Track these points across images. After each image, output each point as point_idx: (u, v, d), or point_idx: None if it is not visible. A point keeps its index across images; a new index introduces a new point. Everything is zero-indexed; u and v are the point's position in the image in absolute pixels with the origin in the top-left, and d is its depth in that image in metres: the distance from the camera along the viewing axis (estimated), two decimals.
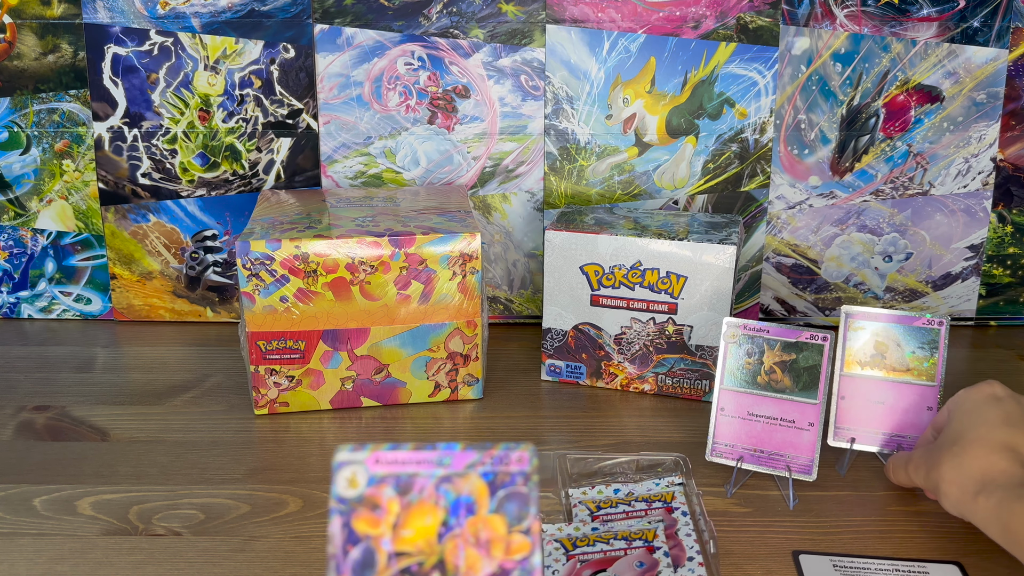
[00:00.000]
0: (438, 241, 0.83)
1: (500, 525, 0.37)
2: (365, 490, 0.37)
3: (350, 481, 0.37)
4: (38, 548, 0.67)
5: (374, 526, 0.37)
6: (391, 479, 0.37)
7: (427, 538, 0.37)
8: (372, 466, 0.37)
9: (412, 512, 0.37)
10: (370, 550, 0.36)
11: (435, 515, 0.37)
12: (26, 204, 1.05)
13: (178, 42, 0.99)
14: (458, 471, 0.37)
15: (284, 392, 0.86)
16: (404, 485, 0.37)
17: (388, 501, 0.37)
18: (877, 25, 0.97)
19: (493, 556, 0.37)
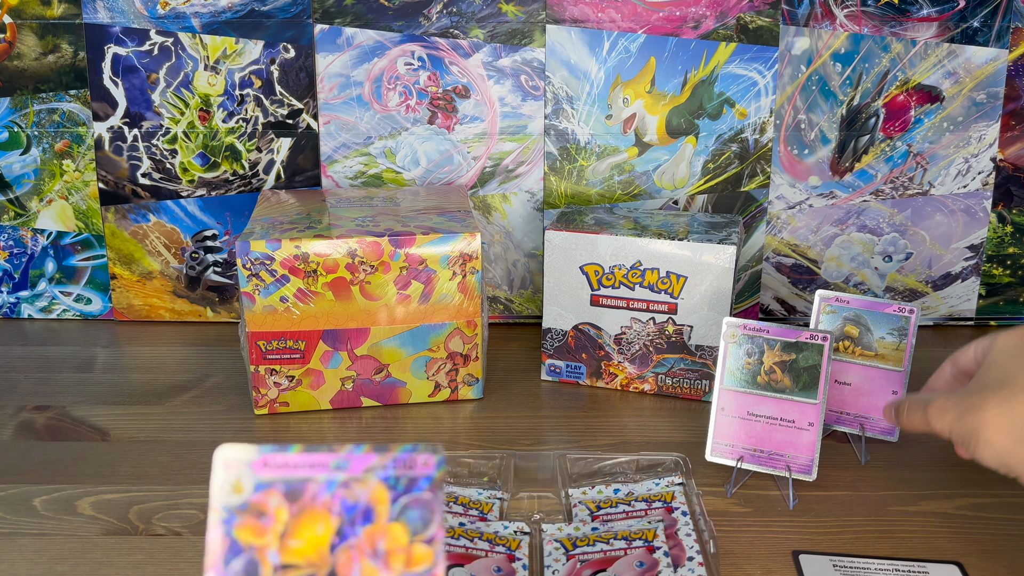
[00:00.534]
0: (438, 241, 0.83)
1: (401, 534, 0.34)
2: (251, 496, 0.33)
3: (234, 487, 0.33)
4: (38, 548, 0.67)
5: (259, 536, 0.33)
6: (280, 484, 0.33)
7: (318, 549, 0.33)
8: (259, 470, 0.33)
9: (302, 520, 0.33)
10: (254, 562, 0.33)
11: (328, 523, 0.34)
12: (26, 204, 1.05)
13: (178, 42, 0.99)
14: (356, 475, 0.34)
15: (284, 392, 0.86)
16: (294, 491, 0.33)
17: (276, 508, 0.33)
18: (877, 25, 0.97)
19: (392, 568, 0.33)
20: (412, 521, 0.34)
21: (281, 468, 0.33)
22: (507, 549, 0.64)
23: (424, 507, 0.34)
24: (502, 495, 0.72)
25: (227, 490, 0.33)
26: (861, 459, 0.78)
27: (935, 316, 1.07)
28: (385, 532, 0.33)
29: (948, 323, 1.07)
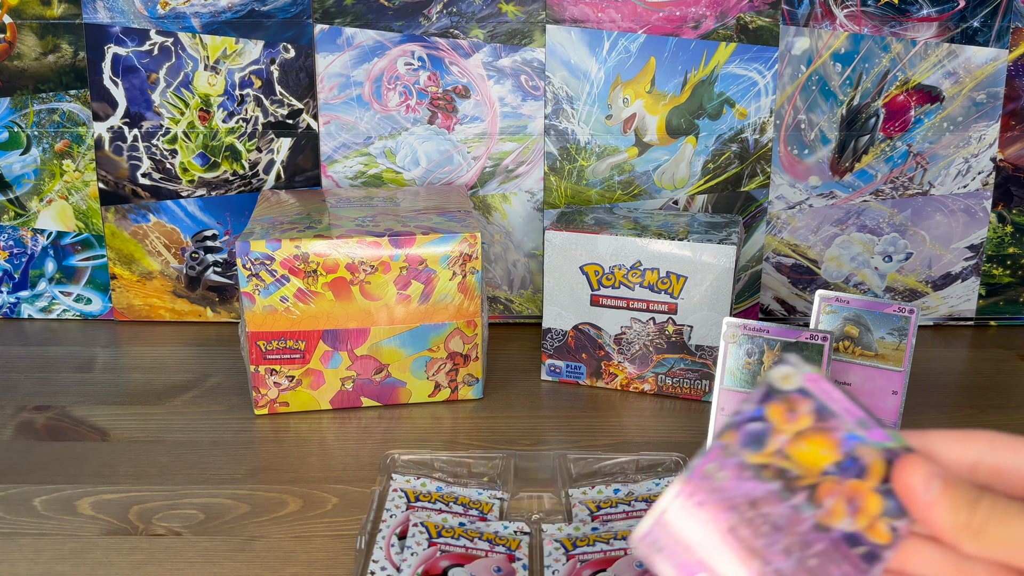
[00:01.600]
0: (438, 241, 0.83)
1: (875, 506, 0.39)
2: (791, 393, 0.39)
3: (785, 378, 0.40)
4: (38, 548, 0.67)
5: (782, 422, 0.39)
6: (817, 402, 0.39)
7: (815, 462, 0.39)
8: (808, 382, 0.39)
9: (816, 437, 0.39)
10: (767, 433, 0.39)
11: (832, 454, 0.39)
12: (26, 204, 1.05)
13: (178, 42, 0.99)
14: (870, 440, 0.39)
15: (284, 392, 0.86)
16: (823, 414, 0.39)
17: (803, 414, 0.39)
18: (877, 25, 0.97)
19: (855, 523, 0.38)
20: (889, 504, 0.39)
21: (823, 393, 0.39)
22: (507, 549, 0.64)
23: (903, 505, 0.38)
24: (502, 495, 0.72)
25: (779, 375, 0.40)
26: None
27: (935, 316, 1.07)
28: (866, 494, 0.39)
29: (948, 323, 1.07)
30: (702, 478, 0.39)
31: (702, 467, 0.40)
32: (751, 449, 0.40)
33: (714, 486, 0.39)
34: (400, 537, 0.66)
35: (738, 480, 0.39)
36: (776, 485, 0.39)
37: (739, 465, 0.40)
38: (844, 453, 0.39)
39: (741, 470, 0.39)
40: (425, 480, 0.73)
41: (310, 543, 0.68)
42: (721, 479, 0.40)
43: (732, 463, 0.40)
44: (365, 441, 0.83)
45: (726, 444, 0.40)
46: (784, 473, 0.39)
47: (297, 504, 0.73)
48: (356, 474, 0.77)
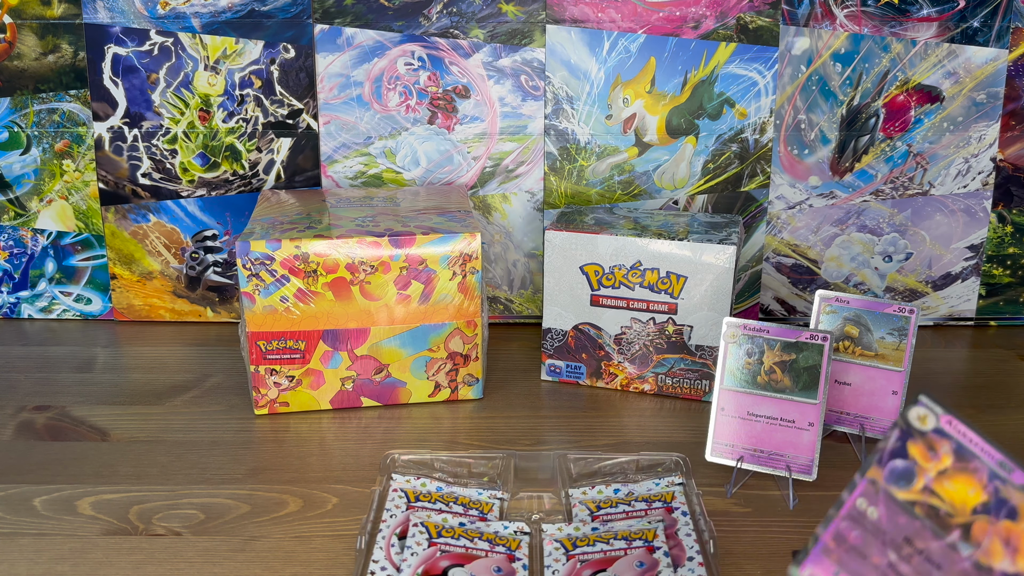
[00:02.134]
0: (438, 241, 0.83)
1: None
2: (929, 432, 0.40)
3: (922, 419, 0.41)
4: (38, 548, 0.67)
5: (924, 460, 0.40)
6: (955, 442, 0.40)
7: (964, 503, 0.40)
8: (944, 423, 0.41)
9: (961, 476, 0.40)
10: (913, 471, 0.40)
11: (979, 494, 0.40)
12: (26, 204, 1.05)
13: (178, 42, 0.99)
14: (1014, 483, 0.40)
15: (284, 392, 0.86)
16: (963, 455, 0.40)
17: (944, 453, 0.41)
18: (877, 25, 0.97)
19: (1016, 563, 0.39)
20: None
21: (960, 435, 0.40)
22: (507, 549, 0.64)
23: None
24: (502, 495, 0.72)
25: (915, 417, 0.41)
26: (861, 459, 0.78)
27: (935, 316, 1.07)
28: (1021, 535, 0.39)
29: (948, 323, 1.07)
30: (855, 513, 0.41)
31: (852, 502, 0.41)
32: (899, 486, 0.41)
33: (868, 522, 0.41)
34: (400, 537, 0.66)
35: (891, 516, 0.41)
36: (929, 522, 0.40)
37: (889, 500, 0.41)
38: (991, 493, 0.40)
39: (892, 506, 0.40)
40: (425, 480, 0.73)
41: (310, 543, 0.68)
42: (873, 514, 0.41)
43: (884, 500, 0.41)
44: (365, 441, 0.83)
45: (873, 480, 0.41)
46: (936, 511, 0.40)
47: (297, 504, 0.73)
48: (356, 474, 0.77)
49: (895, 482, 0.41)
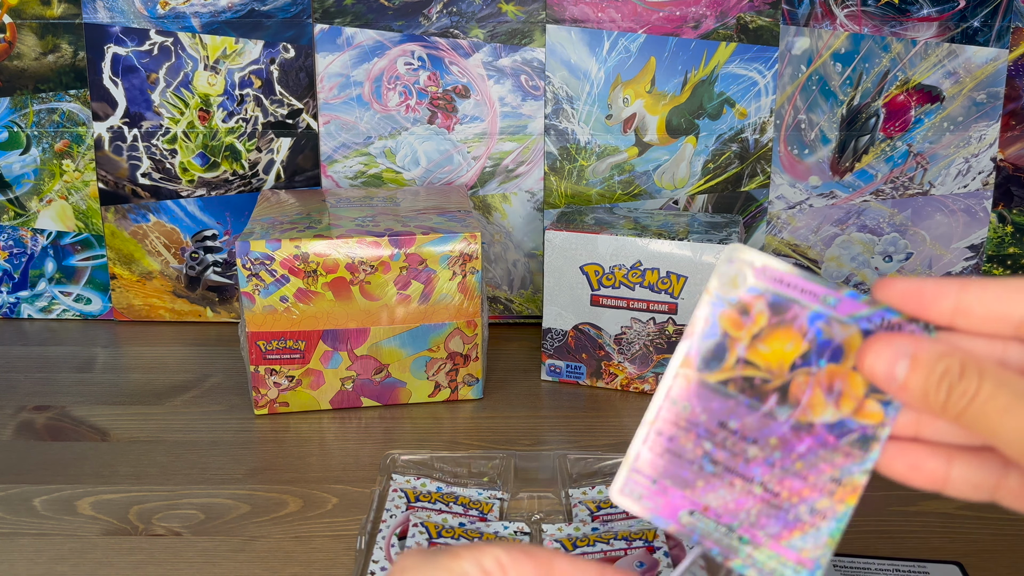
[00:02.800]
0: (438, 241, 0.83)
1: (859, 386, 0.35)
2: (742, 294, 0.37)
3: (732, 281, 0.37)
4: (38, 548, 0.67)
5: (736, 329, 0.37)
6: (770, 295, 0.37)
7: (781, 361, 0.36)
8: (757, 275, 0.37)
9: (777, 332, 0.36)
10: (724, 347, 0.37)
11: (797, 345, 0.36)
12: (26, 204, 1.05)
13: (178, 42, 0.99)
14: (840, 316, 0.36)
15: (284, 392, 0.86)
16: (780, 306, 0.36)
17: (758, 313, 0.37)
18: (877, 25, 0.97)
19: (840, 409, 0.35)
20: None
21: (776, 282, 0.37)
22: None
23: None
24: (502, 495, 0.72)
25: (726, 281, 0.37)
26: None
27: None
28: (846, 376, 0.35)
29: None
30: (668, 414, 0.37)
31: (664, 404, 0.37)
32: (710, 368, 0.37)
33: (680, 418, 0.37)
34: (400, 537, 0.66)
35: (703, 405, 0.37)
36: (743, 397, 0.37)
37: (701, 388, 0.37)
38: (811, 339, 0.36)
39: (704, 393, 0.37)
40: (425, 480, 0.73)
41: (310, 543, 0.68)
42: (686, 410, 0.37)
43: (695, 391, 0.37)
44: (365, 441, 0.83)
45: (685, 372, 0.37)
46: (750, 382, 0.37)
47: (297, 504, 0.73)
48: (356, 474, 0.77)
49: (706, 366, 0.37)
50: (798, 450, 0.36)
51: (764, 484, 0.37)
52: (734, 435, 0.37)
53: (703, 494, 0.37)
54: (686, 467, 0.37)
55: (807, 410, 0.36)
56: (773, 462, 0.36)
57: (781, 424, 0.36)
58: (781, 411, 0.36)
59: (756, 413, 0.36)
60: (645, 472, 0.38)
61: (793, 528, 0.36)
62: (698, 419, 0.37)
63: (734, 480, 0.37)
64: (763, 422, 0.36)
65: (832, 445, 0.36)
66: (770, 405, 0.36)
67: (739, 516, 0.37)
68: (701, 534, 0.37)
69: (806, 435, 0.36)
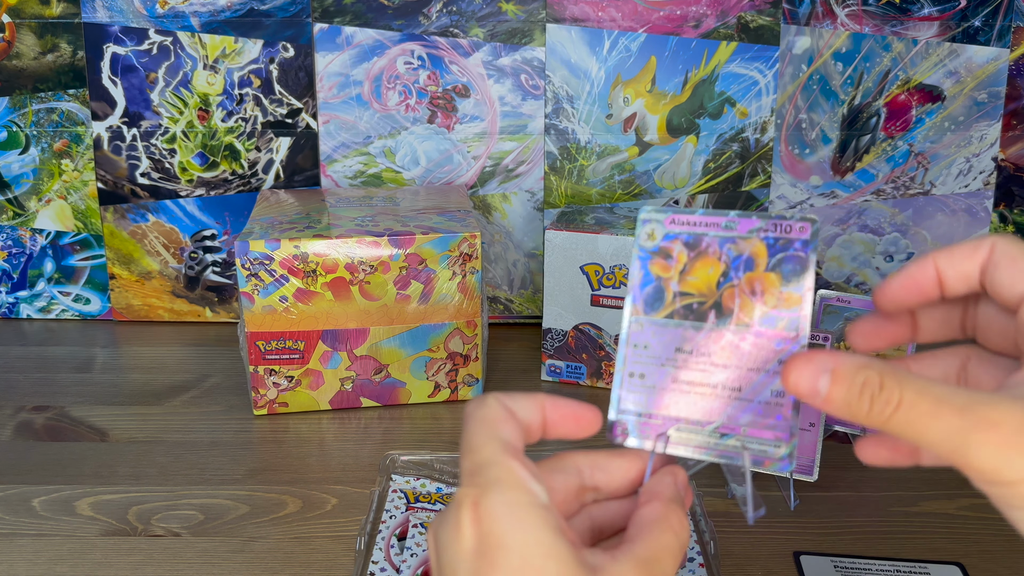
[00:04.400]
0: (438, 241, 0.83)
1: (776, 281, 0.43)
2: (661, 243, 0.45)
3: (650, 235, 0.45)
4: (37, 548, 0.67)
5: (665, 271, 0.44)
6: (683, 235, 0.44)
7: (708, 284, 0.43)
8: (668, 224, 0.45)
9: (697, 263, 0.44)
10: (660, 288, 0.44)
11: (716, 267, 0.43)
12: (25, 204, 1.05)
13: (177, 41, 0.99)
14: (742, 234, 0.43)
15: (283, 392, 0.86)
16: (693, 242, 0.44)
17: (678, 253, 0.44)
18: (878, 24, 0.97)
19: (765, 303, 0.43)
20: (785, 272, 0.43)
21: (684, 225, 0.44)
22: None
23: (796, 262, 0.43)
24: None
25: (644, 237, 0.45)
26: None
27: None
28: (763, 278, 0.43)
29: None
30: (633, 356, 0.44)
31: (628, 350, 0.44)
32: (655, 309, 0.44)
33: (643, 356, 0.44)
34: (400, 538, 0.66)
35: (658, 339, 0.44)
36: (687, 323, 0.43)
37: (653, 327, 0.44)
38: (726, 260, 0.43)
39: (656, 330, 0.44)
40: (425, 481, 0.73)
41: (309, 544, 0.68)
42: (647, 348, 0.44)
43: (649, 331, 0.44)
44: (365, 441, 0.82)
45: (636, 319, 0.45)
46: (689, 308, 0.44)
47: (296, 505, 0.73)
48: (356, 474, 0.77)
49: (650, 308, 0.44)
50: (744, 348, 0.43)
51: (727, 385, 0.43)
52: (690, 354, 0.43)
53: (681, 409, 0.43)
54: (659, 393, 0.44)
55: (740, 314, 0.43)
56: (728, 365, 0.43)
57: (724, 332, 0.43)
58: (721, 323, 0.43)
59: (701, 331, 0.43)
60: (630, 410, 0.44)
61: (763, 413, 0.43)
62: (657, 352, 0.44)
63: (702, 390, 0.43)
64: (710, 337, 0.43)
65: (769, 336, 0.42)
66: (711, 321, 0.43)
67: (716, 418, 0.43)
68: (690, 443, 0.44)
69: (746, 333, 0.43)
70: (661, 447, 0.44)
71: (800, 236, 0.43)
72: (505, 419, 0.38)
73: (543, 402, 0.40)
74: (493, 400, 0.39)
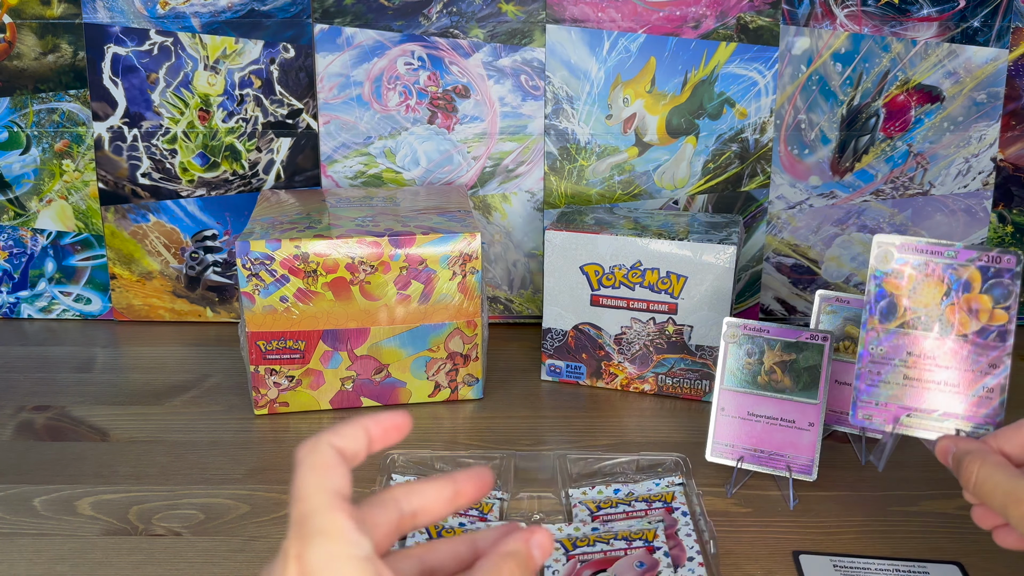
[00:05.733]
0: (438, 241, 0.83)
1: (987, 301, 0.56)
2: (894, 265, 0.57)
3: (884, 258, 0.58)
4: (38, 548, 0.67)
5: (897, 289, 0.57)
6: (912, 260, 0.57)
7: (934, 300, 0.57)
8: (899, 251, 0.58)
9: (925, 284, 0.57)
10: (893, 303, 0.58)
11: (940, 288, 0.56)
12: (26, 204, 1.05)
13: (178, 42, 0.99)
14: (961, 262, 0.56)
15: (284, 392, 0.86)
16: (921, 266, 0.57)
17: (909, 275, 0.58)
18: (877, 25, 0.97)
19: (980, 319, 0.56)
20: (996, 295, 0.56)
21: (913, 251, 0.57)
22: None
23: (1004, 288, 0.56)
24: (502, 495, 0.72)
25: (880, 260, 0.58)
26: (861, 459, 0.78)
27: None
28: (978, 299, 0.56)
29: None
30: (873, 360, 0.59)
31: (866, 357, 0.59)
32: (888, 320, 0.58)
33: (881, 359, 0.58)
34: (400, 538, 0.66)
35: (891, 344, 0.58)
36: (916, 331, 0.57)
37: (887, 334, 0.58)
38: (948, 282, 0.57)
39: (890, 337, 0.58)
40: None
41: None
42: (883, 352, 0.59)
43: (884, 338, 0.58)
44: None
45: (872, 327, 0.59)
46: (918, 319, 0.57)
47: None
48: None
49: (885, 319, 0.58)
50: (962, 355, 0.57)
51: (948, 382, 0.57)
52: (919, 357, 0.58)
53: (911, 400, 0.58)
54: (894, 388, 0.58)
55: (960, 327, 0.57)
56: (949, 367, 0.57)
57: (947, 340, 0.57)
58: (944, 332, 0.57)
59: (928, 338, 0.57)
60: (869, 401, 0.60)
61: (977, 404, 0.57)
62: (892, 355, 0.58)
63: (929, 385, 0.57)
64: (935, 344, 0.57)
65: (983, 345, 0.57)
66: (935, 330, 0.57)
67: (940, 407, 0.57)
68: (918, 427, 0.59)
69: (965, 343, 0.57)
70: (896, 429, 0.60)
71: (1008, 266, 0.56)
72: (335, 465, 0.39)
73: (366, 425, 0.42)
74: (325, 445, 0.40)
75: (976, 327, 0.56)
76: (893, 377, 0.58)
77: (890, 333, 0.58)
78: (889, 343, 0.58)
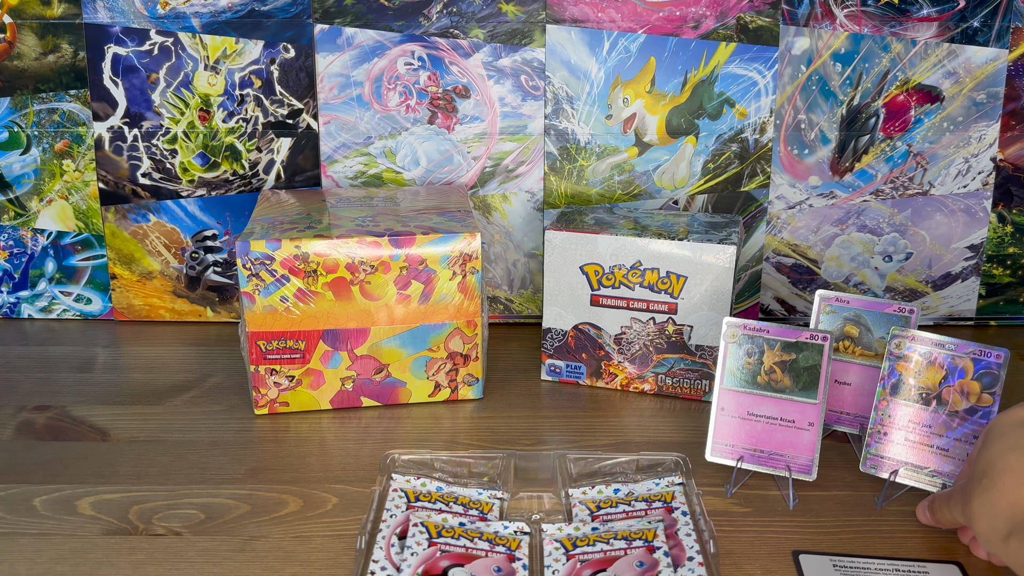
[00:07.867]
0: (438, 241, 0.83)
1: (976, 387, 0.69)
2: (905, 351, 0.71)
3: (898, 346, 0.71)
4: (38, 548, 0.67)
5: (906, 371, 0.71)
6: (920, 349, 0.71)
7: (934, 382, 0.71)
8: (910, 341, 0.71)
9: (928, 369, 0.71)
10: (902, 380, 0.72)
11: (940, 373, 0.70)
12: (26, 204, 1.05)
13: (178, 42, 0.99)
14: (959, 354, 0.70)
15: (284, 392, 0.86)
16: (926, 354, 0.71)
17: (916, 361, 0.71)
18: (877, 25, 0.97)
19: (968, 400, 0.70)
20: (985, 382, 0.69)
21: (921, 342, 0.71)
22: (507, 549, 0.64)
23: (992, 377, 0.69)
24: (502, 495, 0.72)
25: (895, 347, 0.72)
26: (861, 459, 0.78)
27: (935, 316, 1.07)
28: (969, 383, 0.70)
29: (948, 323, 1.07)
30: (879, 420, 0.72)
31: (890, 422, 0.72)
32: (897, 394, 0.71)
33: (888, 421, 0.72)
34: (400, 537, 0.66)
35: (898, 413, 0.72)
36: (918, 405, 0.71)
37: (896, 405, 0.71)
38: (947, 368, 0.70)
39: (898, 407, 0.72)
40: (425, 480, 0.73)
41: (310, 543, 0.68)
42: (891, 417, 0.72)
43: (893, 407, 0.71)
44: (365, 441, 0.83)
45: (883, 398, 0.72)
46: (921, 395, 0.71)
47: (297, 504, 0.73)
48: (356, 474, 0.77)
49: (894, 393, 0.72)
50: (952, 426, 0.70)
51: (940, 447, 0.71)
52: (918, 424, 0.71)
53: (909, 457, 0.72)
54: (896, 446, 0.72)
55: (953, 405, 0.70)
56: (942, 435, 0.70)
57: (942, 415, 0.70)
58: (940, 408, 0.70)
59: (927, 411, 0.71)
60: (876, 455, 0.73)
61: (960, 467, 0.69)
62: (897, 421, 0.72)
63: (924, 447, 0.71)
64: (932, 416, 0.71)
65: (970, 421, 0.70)
66: (933, 406, 0.71)
67: (931, 465, 0.71)
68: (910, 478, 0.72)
69: (956, 419, 0.70)
70: (893, 478, 0.72)
71: (996, 361, 0.69)
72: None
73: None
74: None
75: (966, 406, 0.70)
76: (896, 438, 0.72)
77: (898, 404, 0.72)
78: (897, 412, 0.72)
